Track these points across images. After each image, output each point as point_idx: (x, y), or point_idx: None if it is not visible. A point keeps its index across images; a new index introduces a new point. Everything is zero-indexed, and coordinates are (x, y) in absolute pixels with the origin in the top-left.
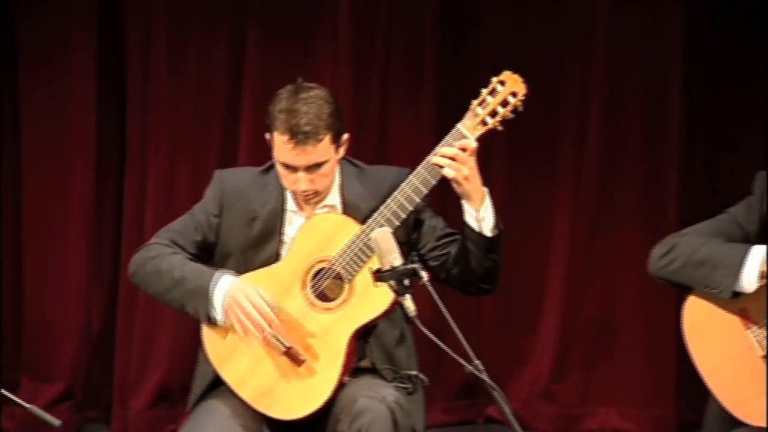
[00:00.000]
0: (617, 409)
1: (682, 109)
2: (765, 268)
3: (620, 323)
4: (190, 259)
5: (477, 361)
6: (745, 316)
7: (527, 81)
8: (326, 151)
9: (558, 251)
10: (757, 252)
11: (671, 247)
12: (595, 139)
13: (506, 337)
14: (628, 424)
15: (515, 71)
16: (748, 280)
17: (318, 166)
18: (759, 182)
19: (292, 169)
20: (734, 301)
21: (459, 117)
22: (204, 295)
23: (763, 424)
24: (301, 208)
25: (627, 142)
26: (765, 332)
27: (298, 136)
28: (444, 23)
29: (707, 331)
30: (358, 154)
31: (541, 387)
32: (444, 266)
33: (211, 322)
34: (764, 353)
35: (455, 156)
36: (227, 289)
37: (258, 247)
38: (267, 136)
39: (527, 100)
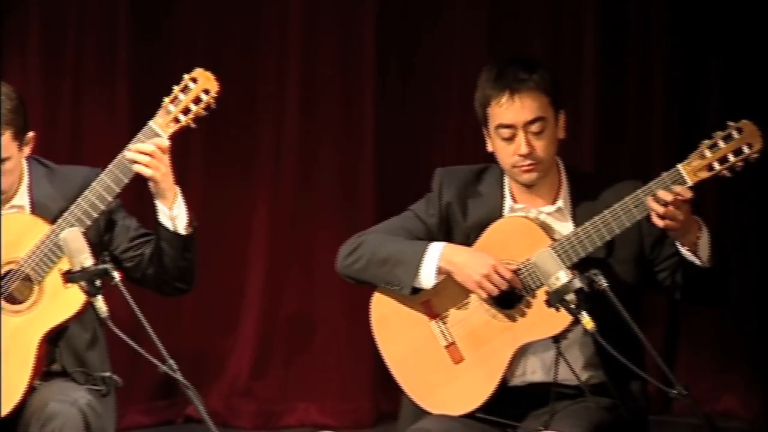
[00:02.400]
0: (316, 404)
1: (375, 99)
2: (442, 264)
3: (319, 318)
4: None
5: (171, 361)
6: (429, 308)
7: (224, 75)
8: (8, 147)
9: (257, 248)
10: (434, 249)
11: (356, 246)
12: (293, 133)
13: (206, 335)
14: (327, 419)
15: (211, 65)
16: (426, 277)
17: None
18: (436, 178)
19: None
20: (417, 294)
21: (155, 114)
22: None
23: (446, 412)
24: None
25: (323, 138)
26: (447, 323)
27: None
28: (137, 16)
29: (393, 325)
30: (50, 154)
31: (242, 384)
32: (139, 267)
33: None
34: (447, 343)
35: (152, 154)
36: None
37: None
38: None
39: (223, 95)
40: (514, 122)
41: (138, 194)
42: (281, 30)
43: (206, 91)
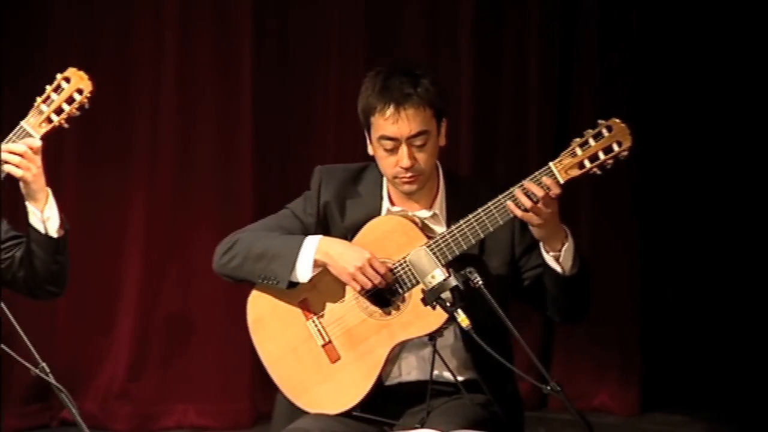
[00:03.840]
0: (194, 405)
1: (253, 96)
2: (318, 257)
3: (197, 318)
4: None
5: (43, 363)
6: (306, 307)
7: (98, 73)
8: None
9: (133, 247)
10: (310, 243)
11: (232, 244)
12: (169, 131)
13: (82, 337)
14: (206, 420)
15: (85, 64)
16: (303, 270)
17: None
18: (315, 177)
19: None
20: (295, 293)
21: (27, 114)
22: None
23: (323, 411)
24: None
25: (201, 136)
26: (324, 322)
27: None
28: (7, 11)
29: (270, 325)
30: None
31: (118, 386)
32: (9, 270)
33: None
34: (323, 342)
35: (23, 154)
36: None
37: None
38: None
39: (97, 94)
40: (397, 135)
41: (8, 196)
42: (156, 21)
43: (79, 91)
